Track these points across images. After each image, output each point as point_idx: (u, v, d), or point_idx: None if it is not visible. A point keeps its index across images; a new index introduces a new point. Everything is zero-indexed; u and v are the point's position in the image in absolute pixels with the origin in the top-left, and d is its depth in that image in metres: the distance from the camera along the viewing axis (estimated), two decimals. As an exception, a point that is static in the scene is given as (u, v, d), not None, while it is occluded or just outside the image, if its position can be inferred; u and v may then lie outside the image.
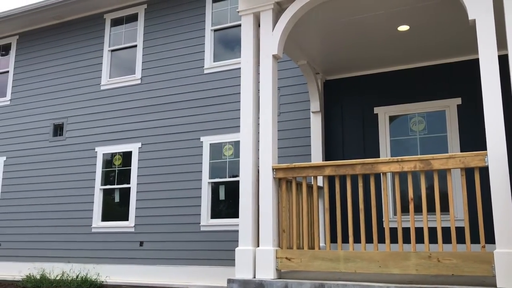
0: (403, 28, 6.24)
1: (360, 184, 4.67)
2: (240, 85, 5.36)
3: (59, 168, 10.27)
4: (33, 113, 10.89)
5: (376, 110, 7.65)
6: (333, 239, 6.70)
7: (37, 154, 10.61)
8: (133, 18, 10.24)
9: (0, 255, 10.48)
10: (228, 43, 9.29)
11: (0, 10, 11.33)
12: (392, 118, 7.58)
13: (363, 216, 4.59)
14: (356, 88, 7.86)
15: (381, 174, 4.58)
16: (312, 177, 4.95)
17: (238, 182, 5.26)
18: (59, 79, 10.76)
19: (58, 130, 10.52)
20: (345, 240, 5.39)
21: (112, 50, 10.37)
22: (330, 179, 6.35)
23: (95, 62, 10.42)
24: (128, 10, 10.29)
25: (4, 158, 11.00)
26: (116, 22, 10.45)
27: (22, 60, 11.42)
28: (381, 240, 4.89)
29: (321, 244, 6.48)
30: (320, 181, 6.57)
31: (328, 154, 7.73)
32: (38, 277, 8.94)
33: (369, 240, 4.80)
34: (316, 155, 7.51)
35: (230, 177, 8.61)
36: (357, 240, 4.94)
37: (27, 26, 11.41)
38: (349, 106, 7.87)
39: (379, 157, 7.23)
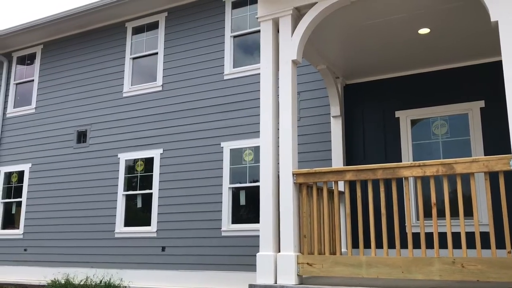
0: (424, 31, 6.18)
1: (382, 189, 4.64)
2: (259, 90, 5.38)
3: (83, 174, 10.44)
4: (57, 120, 11.12)
5: (398, 114, 7.58)
6: (355, 245, 6.62)
7: (61, 161, 10.81)
8: (154, 26, 10.38)
9: (26, 260, 10.70)
10: (248, 49, 9.34)
11: (26, 20, 11.63)
12: (414, 122, 7.50)
13: (385, 221, 4.55)
14: (377, 92, 7.80)
15: (403, 178, 4.54)
16: (333, 182, 4.93)
17: (258, 187, 5.27)
18: (82, 87, 10.97)
19: (81, 137, 10.71)
20: (367, 245, 5.34)
21: (134, 58, 10.53)
22: (351, 184, 6.31)
23: (117, 70, 10.59)
24: (149, 18, 10.44)
25: (30, 165, 11.25)
26: (137, 30, 10.62)
27: (47, 69, 11.67)
28: (404, 245, 4.82)
29: (343, 250, 6.43)
30: (341, 186, 6.54)
31: (349, 158, 7.69)
32: (62, 282, 9.08)
33: (391, 245, 4.75)
34: (337, 160, 7.48)
35: (250, 182, 8.63)
36: (379, 245, 4.90)
37: (51, 36, 11.67)
38: (370, 110, 7.82)
39: (401, 162, 7.18)
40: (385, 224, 4.53)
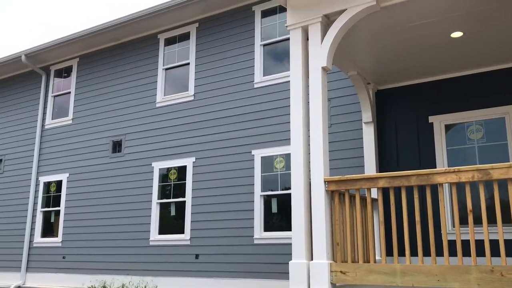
0: (457, 34, 6.07)
1: (416, 196, 4.57)
2: (289, 98, 5.40)
3: (118, 183, 10.68)
4: (93, 131, 11.42)
5: (431, 119, 7.45)
6: (389, 252, 6.54)
7: (97, 170, 11.09)
8: (186, 37, 10.57)
9: (64, 268, 10.99)
10: (277, 57, 9.39)
11: (63, 34, 12.03)
12: (448, 127, 7.35)
13: (420, 228, 4.47)
14: (409, 97, 7.69)
15: (438, 185, 4.46)
16: (366, 189, 4.89)
17: (290, 194, 5.27)
18: (117, 98, 11.24)
19: (117, 146, 10.97)
20: (401, 253, 5.26)
21: (166, 69, 10.74)
22: (385, 191, 6.23)
23: (150, 80, 10.82)
24: (181, 30, 10.64)
25: (67, 174, 11.58)
26: (169, 42, 10.83)
27: (83, 81, 12.03)
28: (439, 253, 4.72)
29: (377, 258, 6.34)
30: (374, 193, 6.46)
31: (382, 165, 7.59)
32: (100, 288, 9.30)
33: (426, 253, 4.67)
34: (370, 167, 7.40)
35: (282, 190, 8.63)
36: (414, 253, 4.82)
37: (87, 49, 12.02)
38: (403, 115, 7.71)
39: (435, 168, 7.05)
40: (420, 232, 4.45)
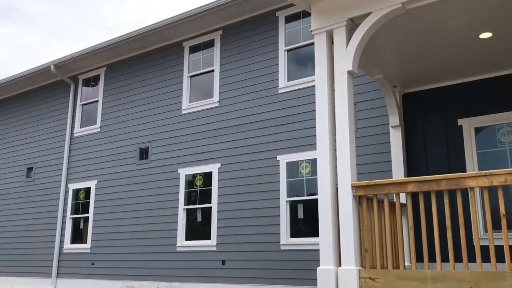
0: (485, 35, 5.94)
1: (446, 200, 4.47)
2: (315, 102, 5.37)
3: (145, 189, 10.80)
4: (121, 138, 11.60)
5: (460, 122, 7.30)
6: (419, 258, 6.42)
7: (125, 177, 11.25)
8: (210, 44, 10.66)
9: (93, 274, 11.15)
10: (301, 61, 9.37)
11: (90, 44, 12.29)
12: (478, 130, 7.19)
13: (451, 233, 4.37)
14: (438, 100, 7.56)
15: (469, 189, 4.35)
16: (394, 194, 4.82)
17: (316, 200, 5.23)
18: (143, 105, 11.40)
19: (143, 153, 11.11)
20: (431, 259, 5.15)
21: (191, 76, 10.84)
22: (414, 196, 6.12)
23: (175, 88, 10.94)
24: (205, 37, 10.73)
25: (96, 181, 11.78)
26: (194, 49, 10.93)
27: (110, 90, 12.24)
28: (471, 259, 4.60)
29: (406, 264, 6.23)
30: (402, 198, 6.36)
31: (410, 169, 7.47)
32: (128, 294, 9.39)
33: (457, 259, 4.56)
34: (398, 171, 7.29)
35: (308, 195, 8.58)
36: (444, 259, 4.70)
37: (114, 58, 12.24)
38: (431, 118, 7.58)
39: (465, 171, 6.89)
40: (451, 237, 4.35)
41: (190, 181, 10.20)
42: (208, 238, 9.58)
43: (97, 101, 12.44)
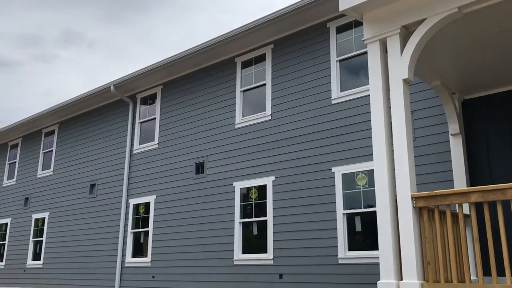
0: (551, 35, 5.64)
1: (514, 211, 4.24)
2: (369, 112, 5.29)
3: (202, 203, 10.99)
4: (178, 154, 11.89)
5: (526, 127, 6.92)
6: (486, 272, 6.10)
7: (182, 192, 11.50)
8: (261, 58, 10.77)
9: (154, 287, 11.41)
10: (354, 71, 9.26)
11: (147, 64, 12.73)
12: (546, 135, 6.79)
13: (521, 246, 4.13)
14: (500, 106, 7.22)
15: (539, 198, 4.11)
16: (457, 204, 4.63)
17: (374, 212, 5.12)
18: (198, 121, 11.65)
19: (199, 168, 11.33)
20: (500, 272, 4.88)
21: (244, 90, 10.98)
22: (478, 206, 5.85)
23: (229, 103, 11.11)
24: (256, 52, 10.86)
25: (155, 196, 12.12)
26: (246, 64, 11.09)
27: (166, 107, 12.62)
28: (546, 273, 4.32)
29: (472, 277, 5.94)
30: (465, 209, 6.09)
31: (473, 179, 7.15)
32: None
33: (530, 273, 4.28)
34: (459, 181, 6.99)
35: (365, 208, 8.40)
36: (515, 273, 4.44)
37: (169, 76, 12.63)
38: (493, 125, 7.24)
39: (534, 180, 6.51)
40: (521, 249, 4.12)
41: (245, 195, 10.27)
42: (265, 251, 9.58)
43: (155, 118, 12.85)
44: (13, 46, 69.99)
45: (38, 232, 15.38)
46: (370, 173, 8.39)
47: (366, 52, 5.97)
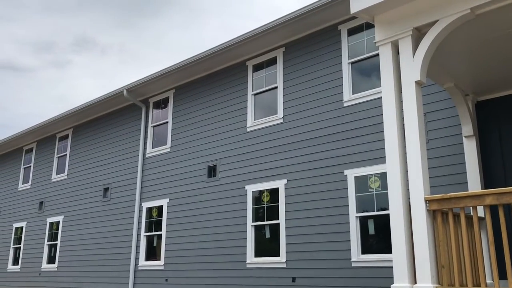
0: None
1: (530, 213, 4.18)
2: (381, 115, 5.27)
3: (214, 206, 11.01)
4: (190, 157, 11.94)
5: (541, 129, 6.83)
6: (502, 275, 6.02)
7: (195, 195, 11.54)
8: (273, 61, 10.78)
9: (167, 289, 11.46)
10: (366, 73, 9.23)
11: (159, 68, 12.82)
12: (562, 137, 6.69)
13: (537, 249, 4.08)
14: (514, 107, 7.13)
15: (555, 201, 4.05)
16: (471, 207, 4.58)
17: (387, 215, 5.09)
18: (210, 125, 11.70)
19: (212, 171, 11.36)
20: (517, 276, 4.81)
21: (255, 94, 11.00)
22: (492, 209, 5.78)
23: (240, 106, 11.14)
24: (267, 55, 10.88)
25: (167, 200, 12.17)
26: (257, 67, 11.11)
27: (179, 111, 12.68)
28: None
29: (488, 281, 5.87)
30: (480, 212, 6.02)
31: (487, 181, 7.06)
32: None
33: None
34: (474, 183, 6.91)
35: (378, 211, 8.35)
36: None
37: (181, 80, 12.70)
38: (508, 126, 7.15)
39: (550, 182, 6.42)
40: (538, 253, 4.06)
41: (257, 198, 10.27)
42: (278, 254, 9.56)
43: (167, 122, 12.92)
44: (27, 52, 71.01)
45: (53, 236, 15.54)
46: (383, 176, 8.34)
47: (377, 54, 5.96)
